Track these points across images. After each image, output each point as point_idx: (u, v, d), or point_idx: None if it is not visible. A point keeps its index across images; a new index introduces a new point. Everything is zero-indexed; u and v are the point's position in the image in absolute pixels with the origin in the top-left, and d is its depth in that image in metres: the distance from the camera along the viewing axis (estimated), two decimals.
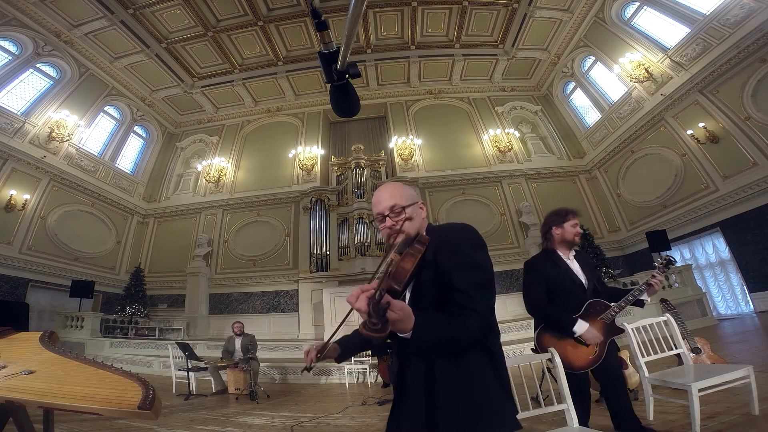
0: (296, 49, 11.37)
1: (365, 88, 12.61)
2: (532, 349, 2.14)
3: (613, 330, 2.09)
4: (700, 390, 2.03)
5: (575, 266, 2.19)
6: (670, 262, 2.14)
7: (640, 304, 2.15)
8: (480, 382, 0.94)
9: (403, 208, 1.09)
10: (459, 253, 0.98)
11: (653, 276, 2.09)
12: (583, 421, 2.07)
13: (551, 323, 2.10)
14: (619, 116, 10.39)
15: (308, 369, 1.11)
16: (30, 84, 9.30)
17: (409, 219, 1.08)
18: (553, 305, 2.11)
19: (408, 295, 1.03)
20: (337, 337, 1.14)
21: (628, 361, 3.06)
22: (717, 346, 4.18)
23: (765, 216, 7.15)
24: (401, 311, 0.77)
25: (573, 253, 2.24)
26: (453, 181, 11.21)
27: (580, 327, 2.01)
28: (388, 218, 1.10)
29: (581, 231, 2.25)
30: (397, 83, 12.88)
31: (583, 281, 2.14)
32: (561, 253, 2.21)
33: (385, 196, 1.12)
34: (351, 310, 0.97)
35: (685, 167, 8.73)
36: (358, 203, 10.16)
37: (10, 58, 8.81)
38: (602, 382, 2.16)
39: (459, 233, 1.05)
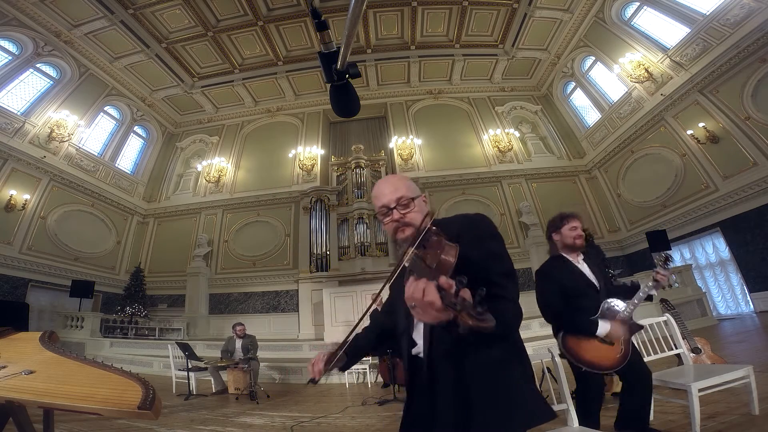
0: (296, 49, 11.36)
1: (365, 88, 12.60)
2: (559, 354, 2.14)
3: (633, 327, 2.10)
4: (700, 390, 2.04)
5: (585, 269, 2.20)
6: (668, 258, 2.16)
7: (649, 298, 2.18)
8: (512, 374, 0.93)
9: (412, 199, 1.04)
10: (484, 243, 0.95)
11: (657, 272, 2.09)
12: (594, 422, 2.08)
13: (572, 329, 2.09)
14: (619, 116, 10.39)
15: (314, 382, 1.06)
16: (30, 84, 9.29)
17: (417, 211, 1.04)
18: (570, 309, 2.12)
19: None
20: (347, 340, 1.12)
21: None
22: (717, 346, 4.17)
23: (765, 216, 7.15)
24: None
25: (581, 256, 2.25)
26: (453, 181, 11.21)
27: (603, 328, 2.00)
28: (395, 211, 1.03)
29: (582, 233, 2.23)
30: (397, 83, 12.88)
31: (595, 283, 2.16)
32: (570, 258, 2.22)
33: (390, 189, 1.06)
34: (371, 306, 0.94)
35: (685, 167, 8.73)
36: (358, 203, 10.16)
37: (10, 58, 8.81)
38: (627, 380, 2.15)
39: (480, 223, 1.02)
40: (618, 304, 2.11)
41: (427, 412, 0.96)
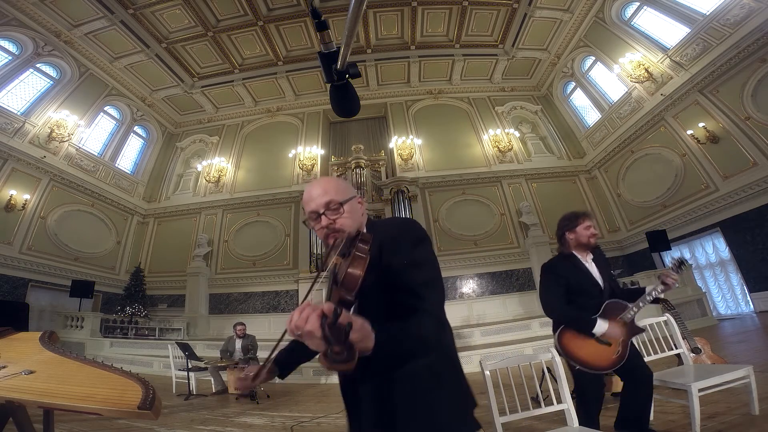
0: (296, 49, 11.36)
1: (365, 88, 12.60)
2: (554, 347, 2.14)
3: (633, 330, 2.09)
4: (700, 390, 2.04)
5: (593, 269, 2.20)
6: (682, 263, 2.14)
7: (655, 300, 2.18)
8: (436, 384, 0.89)
9: (341, 204, 0.99)
10: (402, 251, 0.91)
11: (668, 276, 2.09)
12: (594, 423, 2.08)
13: (571, 324, 2.10)
14: (619, 116, 10.38)
15: (246, 396, 1.06)
16: (30, 84, 9.29)
17: (348, 216, 0.99)
18: (571, 306, 2.12)
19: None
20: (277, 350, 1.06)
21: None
22: (717, 346, 4.18)
23: (765, 216, 7.15)
24: (361, 330, 0.66)
25: (591, 255, 2.25)
26: (453, 181, 11.21)
27: (600, 327, 2.00)
28: (323, 216, 0.99)
29: (596, 232, 2.23)
30: (397, 83, 12.88)
31: (600, 283, 2.16)
32: (579, 256, 2.22)
33: (318, 192, 1.01)
34: (284, 333, 0.81)
35: (685, 167, 8.73)
36: None
37: (10, 58, 8.81)
38: (628, 383, 2.15)
39: (400, 229, 0.98)
40: (622, 304, 2.11)
41: (358, 424, 0.94)
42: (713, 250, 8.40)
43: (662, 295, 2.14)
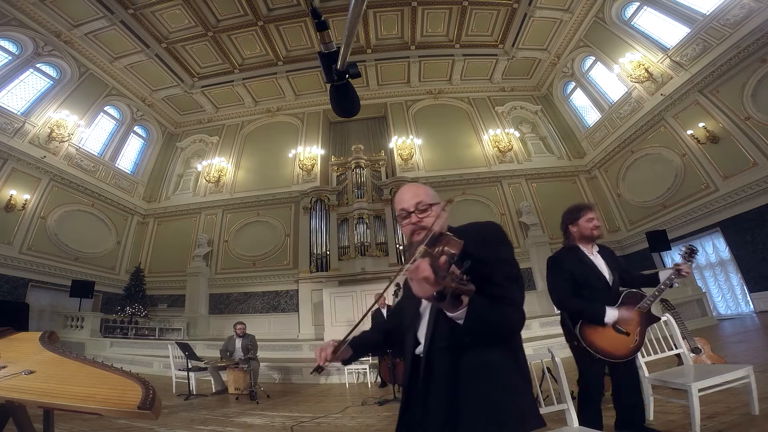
0: (296, 49, 11.37)
1: (365, 88, 12.60)
2: (575, 343, 2.13)
3: (649, 319, 2.11)
4: (700, 390, 2.04)
5: (599, 261, 2.19)
6: (693, 251, 2.16)
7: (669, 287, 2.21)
8: (506, 379, 0.94)
9: (430, 205, 1.11)
10: (491, 248, 1.00)
11: (683, 265, 2.12)
12: (597, 422, 2.08)
13: (579, 315, 2.10)
14: (619, 116, 10.38)
15: (319, 370, 1.08)
16: (30, 84, 9.29)
17: (434, 217, 1.09)
18: (579, 299, 2.12)
19: None
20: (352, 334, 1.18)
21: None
22: (717, 346, 4.17)
23: (765, 216, 7.15)
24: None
25: (596, 248, 2.24)
26: (453, 181, 11.21)
27: (610, 316, 2.00)
28: (413, 215, 1.10)
29: (599, 224, 2.23)
30: (397, 83, 12.88)
31: (607, 276, 2.15)
32: (584, 249, 2.21)
33: (410, 194, 1.13)
34: (374, 304, 1.08)
35: (685, 167, 8.73)
36: (358, 203, 10.15)
37: (10, 58, 8.81)
38: (618, 380, 2.16)
39: (489, 229, 1.07)
40: (639, 294, 2.11)
41: (422, 410, 0.98)
42: (713, 250, 8.40)
43: (676, 284, 2.14)
